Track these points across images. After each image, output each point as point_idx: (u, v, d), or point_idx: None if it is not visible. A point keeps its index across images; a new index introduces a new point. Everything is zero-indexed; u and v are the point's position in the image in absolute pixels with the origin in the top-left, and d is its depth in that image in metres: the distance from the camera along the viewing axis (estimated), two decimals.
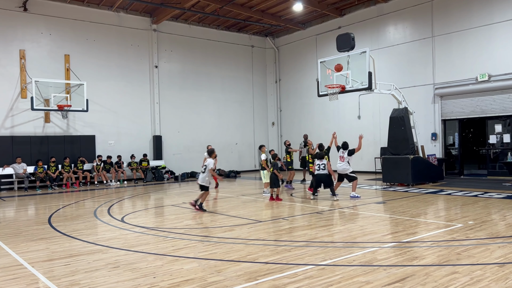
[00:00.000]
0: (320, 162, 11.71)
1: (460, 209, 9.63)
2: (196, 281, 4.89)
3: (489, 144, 16.64)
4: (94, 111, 18.89)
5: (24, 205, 12.64)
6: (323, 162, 11.72)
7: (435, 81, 17.70)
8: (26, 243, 7.19)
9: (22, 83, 17.55)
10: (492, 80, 15.92)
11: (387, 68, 18.88)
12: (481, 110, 16.49)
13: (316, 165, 11.73)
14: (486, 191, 12.52)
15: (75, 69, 18.70)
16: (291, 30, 24.04)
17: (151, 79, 21.05)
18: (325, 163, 11.72)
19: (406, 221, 8.26)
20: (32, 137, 17.67)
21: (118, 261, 5.89)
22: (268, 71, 25.60)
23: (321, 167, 11.67)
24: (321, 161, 11.74)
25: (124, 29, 20.29)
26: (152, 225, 8.65)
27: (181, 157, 21.77)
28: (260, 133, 25.25)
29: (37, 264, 5.83)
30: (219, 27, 23.39)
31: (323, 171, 11.62)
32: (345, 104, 20.79)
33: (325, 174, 11.61)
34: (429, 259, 5.56)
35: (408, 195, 12.19)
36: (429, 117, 17.86)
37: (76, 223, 9.03)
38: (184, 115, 22.03)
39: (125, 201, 12.84)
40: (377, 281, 4.72)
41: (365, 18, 20.25)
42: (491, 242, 6.42)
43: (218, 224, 8.71)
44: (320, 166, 11.68)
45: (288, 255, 5.93)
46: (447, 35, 17.23)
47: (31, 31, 17.91)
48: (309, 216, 9.20)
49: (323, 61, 14.95)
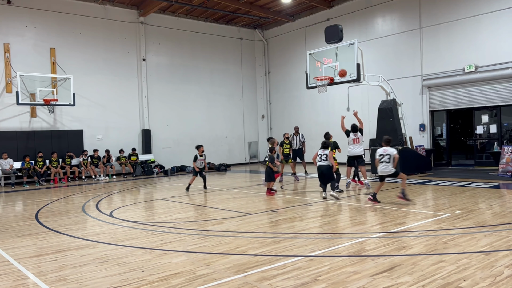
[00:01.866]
0: (323, 152, 10.56)
1: (448, 199, 9.73)
2: (185, 275, 4.88)
3: (476, 134, 16.82)
4: (82, 105, 18.67)
5: (11, 201, 12.49)
6: (325, 153, 10.55)
7: (423, 72, 17.80)
8: (13, 239, 7.11)
9: (7, 77, 17.26)
10: (479, 71, 16.04)
11: (376, 60, 18.92)
12: (468, 101, 16.63)
13: (318, 155, 10.57)
14: (473, 181, 12.67)
15: (61, 62, 18.44)
16: (280, 22, 23.96)
17: (139, 73, 20.85)
18: (327, 153, 10.55)
19: (394, 212, 8.32)
20: (18, 132, 17.43)
21: (106, 255, 5.84)
22: (257, 63, 25.51)
23: (322, 158, 10.52)
24: (323, 151, 10.59)
25: (110, 22, 20.02)
26: (141, 219, 8.61)
27: (171, 151, 21.67)
28: (250, 126, 25.21)
29: (23, 260, 5.77)
30: (207, 20, 23.21)
31: (324, 162, 10.45)
32: (334, 96, 20.81)
33: (326, 166, 10.42)
34: (416, 249, 5.61)
35: (397, 186, 12.28)
36: (417, 108, 17.98)
37: (64, 219, 8.95)
38: (173, 109, 21.88)
39: (114, 196, 12.75)
40: (365, 271, 4.75)
41: (354, 10, 20.23)
42: (477, 231, 6.50)
43: (208, 217, 8.69)
44: (322, 156, 10.53)
45: (277, 247, 5.94)
46: (435, 27, 17.31)
47: (15, 24, 17.59)
48: (298, 208, 9.22)
49: (312, 53, 14.93)
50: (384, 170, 9.29)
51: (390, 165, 9.22)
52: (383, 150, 9.35)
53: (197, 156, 13.02)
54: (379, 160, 9.36)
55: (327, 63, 14.19)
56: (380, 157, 9.34)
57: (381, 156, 9.31)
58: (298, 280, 4.54)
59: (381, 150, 9.41)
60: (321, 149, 10.60)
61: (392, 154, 9.24)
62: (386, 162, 9.24)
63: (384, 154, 9.30)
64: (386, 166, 9.24)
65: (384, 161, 9.27)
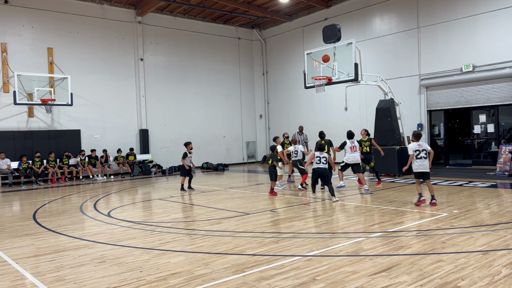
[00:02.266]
0: (321, 155, 10.19)
1: (446, 198, 9.75)
2: (183, 274, 4.87)
3: (473, 134, 16.85)
4: (79, 105, 18.61)
5: (9, 201, 12.45)
6: (324, 155, 10.23)
7: (420, 72, 17.83)
8: (11, 240, 7.09)
9: (4, 77, 17.20)
10: (477, 70, 16.08)
11: (373, 60, 18.95)
12: (466, 100, 16.67)
13: (316, 158, 10.21)
14: (471, 180, 12.70)
15: (59, 62, 18.39)
16: (277, 22, 23.95)
17: (137, 72, 20.81)
18: (326, 156, 10.25)
19: (393, 211, 8.34)
20: (15, 132, 17.37)
21: (104, 256, 5.83)
22: (255, 63, 25.50)
23: (322, 161, 10.13)
24: (321, 153, 10.24)
25: (108, 22, 19.98)
26: (139, 219, 8.59)
27: (168, 151, 21.63)
28: (248, 125, 25.20)
29: (21, 260, 5.75)
30: (205, 19, 23.18)
31: (324, 165, 10.13)
32: (332, 96, 20.84)
33: (325, 168, 10.16)
34: (414, 248, 5.62)
35: (395, 186, 12.31)
36: (415, 108, 18.00)
37: (61, 219, 8.92)
38: (170, 109, 21.85)
39: (111, 196, 12.73)
40: (363, 271, 4.75)
41: (352, 10, 20.25)
42: (475, 231, 6.51)
43: (206, 217, 8.69)
44: (321, 159, 10.13)
45: (275, 247, 5.94)
46: (432, 26, 17.33)
47: (13, 23, 17.53)
48: (296, 208, 9.23)
49: (310, 52, 14.92)
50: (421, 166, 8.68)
51: (427, 161, 8.66)
52: (418, 145, 8.70)
53: (186, 154, 13.00)
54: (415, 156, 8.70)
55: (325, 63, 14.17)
56: (416, 152, 8.71)
57: (417, 152, 8.70)
58: (297, 280, 4.54)
59: (415, 145, 8.73)
60: (317, 151, 10.31)
61: (428, 149, 8.74)
62: (424, 158, 8.66)
63: (420, 149, 8.69)
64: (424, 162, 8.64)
65: (422, 157, 8.67)
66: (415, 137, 8.90)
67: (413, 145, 8.79)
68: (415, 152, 8.71)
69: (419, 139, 8.86)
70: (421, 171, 8.75)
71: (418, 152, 8.70)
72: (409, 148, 8.86)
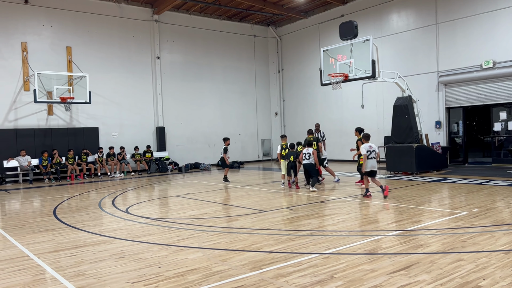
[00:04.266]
0: (307, 151, 10.95)
1: (465, 197, 9.59)
2: (201, 271, 4.90)
3: (493, 131, 16.54)
4: (97, 103, 18.88)
5: (29, 197, 12.71)
6: (309, 151, 10.96)
7: (439, 69, 17.55)
8: (32, 235, 7.23)
9: (25, 75, 17.54)
10: (497, 67, 15.76)
11: (391, 56, 18.73)
12: (486, 97, 16.36)
13: (303, 154, 11.06)
14: (491, 178, 12.47)
15: (77, 61, 18.66)
16: (293, 19, 23.85)
17: (153, 70, 20.99)
18: (311, 152, 10.98)
19: (411, 210, 8.24)
20: (35, 129, 17.70)
21: (123, 251, 5.91)
22: (270, 60, 25.46)
23: (306, 157, 10.95)
24: (307, 149, 10.98)
25: (125, 20, 20.19)
26: (156, 216, 8.68)
27: (185, 148, 21.79)
28: (263, 123, 25.20)
29: (43, 255, 5.87)
30: (220, 17, 23.23)
31: (308, 160, 10.92)
32: (348, 93, 20.68)
33: (309, 164, 10.96)
34: (434, 247, 5.55)
35: (412, 184, 12.17)
36: (433, 105, 17.74)
37: (81, 215, 9.07)
38: (186, 106, 21.99)
39: (129, 193, 12.88)
40: (382, 269, 4.72)
41: (368, 6, 20.04)
42: (496, 230, 6.40)
43: (222, 214, 8.73)
44: (306, 155, 10.96)
45: (292, 244, 5.94)
46: (451, 22, 17.04)
47: (33, 23, 17.85)
48: (313, 206, 9.20)
49: (326, 49, 14.84)
50: (372, 166, 9.69)
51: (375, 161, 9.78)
52: (369, 147, 9.70)
53: (227, 148, 14.13)
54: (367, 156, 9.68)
55: (342, 60, 14.08)
56: (368, 153, 9.66)
57: (369, 152, 9.67)
58: (315, 278, 4.53)
59: (367, 147, 9.70)
60: (305, 148, 11.13)
61: (377, 150, 9.84)
62: (374, 158, 9.71)
63: (371, 150, 9.68)
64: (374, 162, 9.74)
65: (372, 157, 9.69)
66: (365, 138, 9.89)
67: (366, 146, 9.73)
68: (367, 152, 9.66)
69: (368, 140, 9.86)
70: (372, 170, 9.73)
71: (369, 153, 9.67)
72: (362, 149, 9.77)
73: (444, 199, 9.59)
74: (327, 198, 10.22)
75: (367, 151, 9.65)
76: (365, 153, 9.62)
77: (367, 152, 9.63)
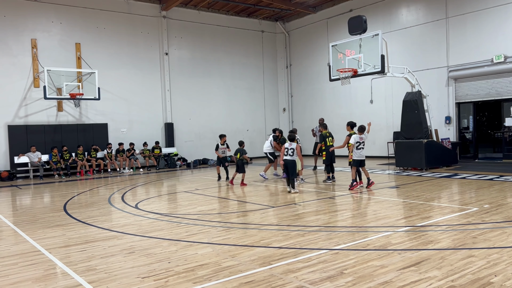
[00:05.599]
0: (289, 146, 10.38)
1: (475, 192, 9.51)
2: (211, 266, 4.92)
3: (504, 126, 16.35)
4: (106, 99, 18.98)
5: (40, 193, 12.84)
6: (292, 147, 10.38)
7: (449, 64, 17.38)
8: (43, 230, 7.31)
9: (35, 72, 17.67)
10: (508, 61, 15.56)
11: (400, 51, 18.57)
12: (497, 92, 16.17)
13: (285, 149, 10.41)
14: (502, 174, 12.35)
15: (86, 57, 18.76)
16: (301, 14, 23.73)
17: (162, 67, 21.04)
18: (294, 147, 10.39)
19: (420, 206, 8.19)
20: (45, 126, 17.86)
21: (133, 246, 5.95)
22: (278, 56, 25.38)
23: (289, 152, 10.35)
24: (290, 144, 10.41)
25: (133, 17, 20.23)
26: (165, 211, 8.72)
27: (193, 144, 21.84)
28: (271, 119, 25.16)
29: (54, 250, 5.92)
30: (228, 13, 23.19)
31: (291, 156, 10.33)
32: (357, 89, 20.56)
33: (290, 160, 10.33)
34: (444, 243, 5.51)
35: (422, 180, 12.08)
36: (443, 100, 17.58)
37: (91, 210, 9.14)
38: (195, 102, 22.03)
39: (138, 188, 12.95)
40: (392, 265, 4.69)
41: (377, 1, 19.87)
42: (507, 226, 6.33)
43: (231, 209, 8.74)
44: (289, 151, 10.36)
45: (302, 240, 5.93)
46: (462, 16, 16.84)
47: (42, 20, 17.96)
48: (322, 201, 9.18)
49: (335, 44, 14.76)
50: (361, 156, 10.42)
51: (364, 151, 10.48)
52: (360, 138, 10.31)
53: (218, 145, 13.70)
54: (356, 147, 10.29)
55: (350, 55, 13.99)
56: (357, 144, 10.29)
57: (358, 143, 10.29)
58: (324, 273, 4.52)
59: (357, 138, 10.30)
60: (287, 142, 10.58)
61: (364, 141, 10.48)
62: (362, 148, 10.38)
63: (360, 141, 10.32)
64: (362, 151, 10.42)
65: (361, 148, 10.35)
66: (360, 130, 10.41)
67: (356, 137, 10.33)
68: (356, 143, 10.30)
69: (363, 132, 10.42)
70: (361, 159, 10.43)
71: (358, 144, 10.33)
72: (352, 139, 10.38)
73: (454, 195, 9.51)
74: (335, 194, 10.19)
75: (356, 141, 10.29)
76: (354, 143, 10.29)
77: (357, 143, 10.30)
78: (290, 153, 10.38)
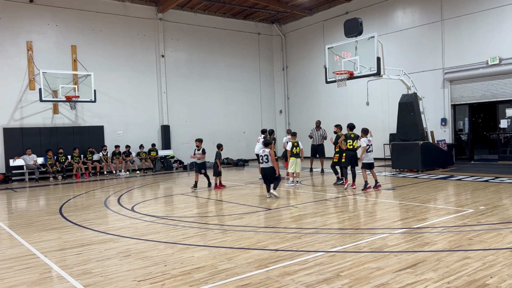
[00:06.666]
0: (263, 153, 9.79)
1: (471, 194, 9.55)
2: (207, 269, 4.91)
3: (500, 128, 16.43)
4: (102, 101, 18.93)
5: (35, 195, 12.78)
6: (266, 153, 9.74)
7: (444, 66, 17.46)
8: (38, 233, 7.27)
9: (30, 74, 17.61)
10: (503, 63, 15.64)
11: (396, 53, 18.64)
12: (492, 94, 16.25)
13: (260, 157, 9.97)
14: (497, 176, 12.40)
15: (82, 60, 18.71)
16: (297, 16, 23.78)
17: (158, 69, 21.02)
18: (267, 153, 9.71)
19: (416, 207, 8.21)
20: (41, 128, 17.79)
21: (129, 249, 5.93)
22: (275, 58, 25.41)
23: (264, 159, 9.79)
24: (263, 151, 9.81)
25: (130, 19, 20.21)
26: (162, 214, 8.70)
27: (190, 146, 21.71)
28: (267, 121, 25.16)
29: (49, 254, 5.90)
30: (225, 15, 23.21)
31: (266, 164, 9.77)
32: (353, 91, 20.59)
33: (268, 168, 9.81)
34: (440, 245, 5.53)
35: (418, 181, 12.12)
36: (438, 102, 17.65)
37: (86, 213, 9.11)
38: (191, 104, 22.01)
39: (134, 191, 12.92)
40: (388, 267, 4.70)
41: (373, 3, 19.94)
42: (503, 227, 6.36)
43: (228, 212, 8.73)
44: (263, 158, 9.80)
45: (298, 242, 5.93)
46: (457, 19, 16.92)
47: (38, 22, 17.91)
48: (318, 204, 9.18)
49: (331, 47, 14.79)
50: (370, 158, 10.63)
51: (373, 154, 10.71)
52: (368, 141, 10.54)
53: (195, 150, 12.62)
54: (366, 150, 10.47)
55: (346, 57, 14.03)
56: (367, 146, 10.47)
57: (368, 146, 10.49)
58: (321, 276, 4.52)
59: (367, 140, 10.50)
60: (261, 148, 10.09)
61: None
62: (371, 151, 10.62)
63: (369, 144, 10.52)
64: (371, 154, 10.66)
65: (371, 150, 10.58)
66: (365, 133, 10.62)
67: (365, 140, 10.52)
68: (367, 146, 10.48)
69: (367, 134, 10.62)
70: (370, 162, 10.65)
71: (368, 146, 10.50)
72: (362, 142, 10.55)
73: (450, 197, 9.55)
74: (332, 196, 10.20)
75: (367, 144, 10.44)
76: (365, 146, 10.44)
77: (367, 145, 10.44)
78: (265, 159, 9.73)
